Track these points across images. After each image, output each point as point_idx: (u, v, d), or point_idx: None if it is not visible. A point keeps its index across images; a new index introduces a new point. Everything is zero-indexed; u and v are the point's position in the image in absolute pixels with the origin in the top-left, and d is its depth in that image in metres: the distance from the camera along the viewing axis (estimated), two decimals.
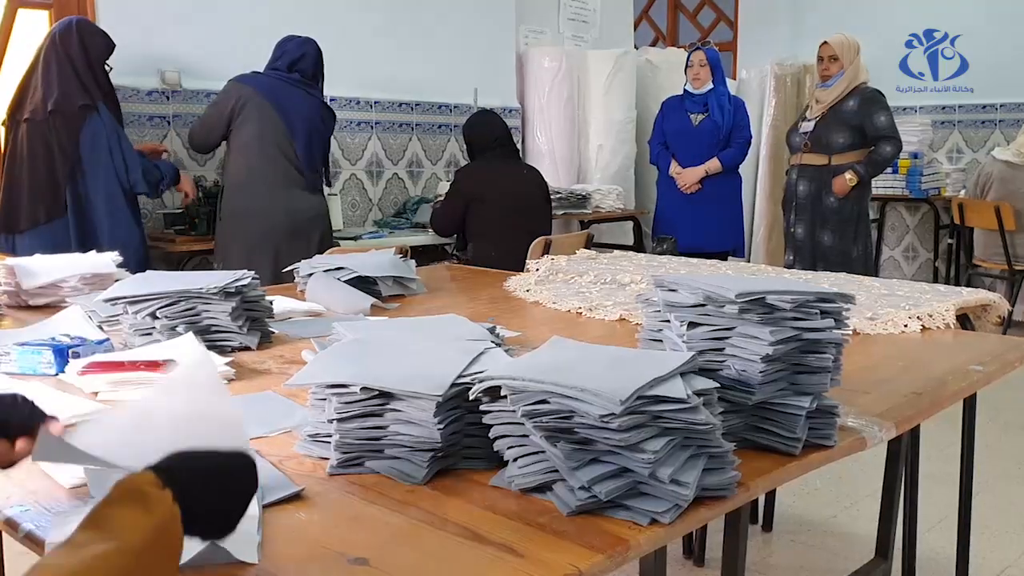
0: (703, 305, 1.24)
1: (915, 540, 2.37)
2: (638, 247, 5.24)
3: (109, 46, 3.37)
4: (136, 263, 3.08)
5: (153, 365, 1.50)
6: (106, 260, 2.31)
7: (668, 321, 1.31)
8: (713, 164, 4.83)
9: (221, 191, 3.58)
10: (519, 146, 5.51)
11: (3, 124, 3.36)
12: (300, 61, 3.61)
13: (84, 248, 3.10)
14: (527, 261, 2.87)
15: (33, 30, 3.74)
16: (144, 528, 0.76)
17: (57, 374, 1.55)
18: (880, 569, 2.14)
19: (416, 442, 1.11)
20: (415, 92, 4.96)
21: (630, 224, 5.62)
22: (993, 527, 2.91)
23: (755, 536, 2.85)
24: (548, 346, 1.22)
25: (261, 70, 3.62)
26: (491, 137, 4.03)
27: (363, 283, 2.28)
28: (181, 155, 3.99)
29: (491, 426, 1.08)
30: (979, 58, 6.59)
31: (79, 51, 3.26)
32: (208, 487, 0.85)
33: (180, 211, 3.85)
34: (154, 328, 1.73)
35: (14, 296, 2.18)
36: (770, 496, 2.89)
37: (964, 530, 2.30)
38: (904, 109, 6.61)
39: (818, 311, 1.21)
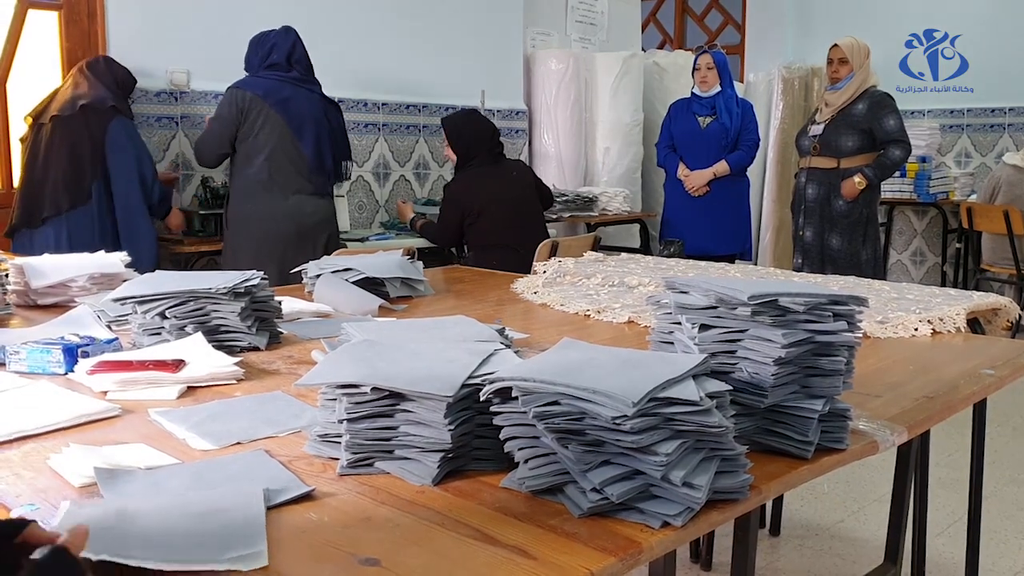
0: (715, 307, 1.24)
1: (924, 545, 2.36)
2: (645, 250, 5.23)
3: (131, 79, 3.61)
4: (149, 260, 3.23)
5: (162, 365, 1.50)
6: (114, 260, 2.30)
7: (679, 323, 1.30)
8: (721, 167, 4.82)
9: (227, 197, 3.57)
10: (526, 148, 5.52)
11: (28, 126, 3.46)
12: (293, 53, 3.55)
13: (106, 239, 3.24)
14: (534, 264, 2.86)
15: (42, 31, 3.75)
16: None
17: (66, 373, 1.56)
18: (889, 575, 2.13)
19: (426, 443, 1.10)
20: (422, 94, 4.96)
21: (637, 227, 5.62)
22: (1002, 533, 2.89)
23: (762, 540, 2.83)
24: (559, 347, 1.22)
25: (257, 71, 3.54)
26: (480, 142, 3.91)
27: (371, 284, 2.28)
28: (188, 156, 4.00)
29: (502, 427, 1.08)
30: (979, 58, 6.58)
31: (107, 72, 3.50)
32: None
33: (188, 211, 3.85)
34: (163, 328, 1.73)
35: (23, 295, 2.18)
36: (777, 500, 2.88)
37: (973, 535, 2.29)
38: (912, 113, 6.60)
39: (831, 314, 1.21)
